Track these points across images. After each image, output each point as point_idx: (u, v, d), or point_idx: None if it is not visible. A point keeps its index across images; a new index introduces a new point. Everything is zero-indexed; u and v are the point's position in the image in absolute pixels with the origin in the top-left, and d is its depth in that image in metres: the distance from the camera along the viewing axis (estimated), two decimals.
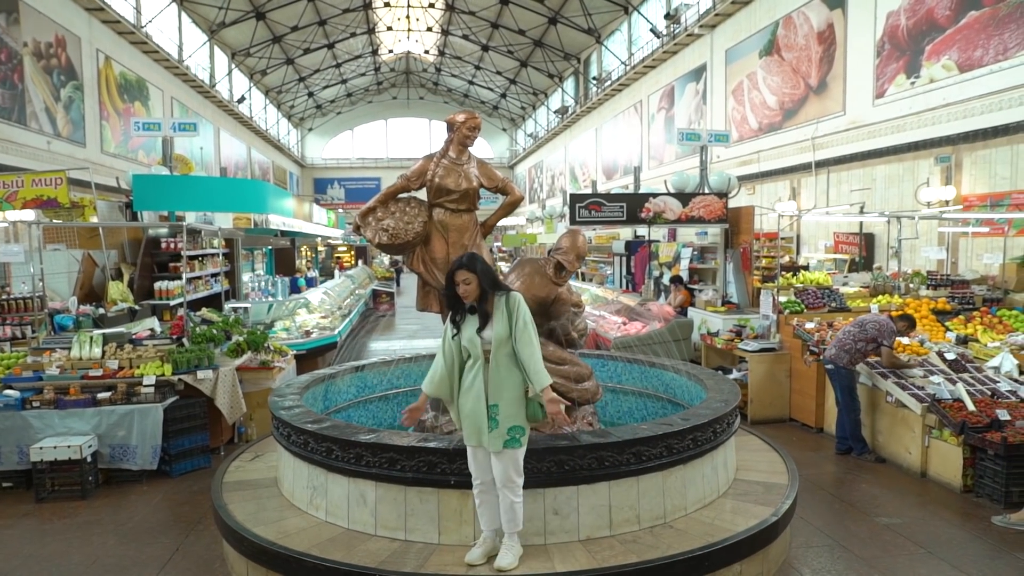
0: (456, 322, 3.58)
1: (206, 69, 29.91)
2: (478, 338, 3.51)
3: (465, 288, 3.53)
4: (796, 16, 17.22)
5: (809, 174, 16.49)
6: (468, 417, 3.48)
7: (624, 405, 6.10)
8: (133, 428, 5.47)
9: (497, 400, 3.48)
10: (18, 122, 16.73)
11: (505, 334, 3.52)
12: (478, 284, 3.56)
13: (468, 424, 3.48)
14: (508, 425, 3.46)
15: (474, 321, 3.54)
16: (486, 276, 3.62)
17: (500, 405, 3.47)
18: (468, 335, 3.52)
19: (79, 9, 19.52)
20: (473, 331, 3.52)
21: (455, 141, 5.07)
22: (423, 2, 33.50)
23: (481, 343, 3.51)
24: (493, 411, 3.46)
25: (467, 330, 3.54)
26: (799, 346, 7.28)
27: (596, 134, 33.39)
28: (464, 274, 3.55)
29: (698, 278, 10.68)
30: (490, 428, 3.44)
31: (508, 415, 3.47)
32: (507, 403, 3.48)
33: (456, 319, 3.58)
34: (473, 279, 3.55)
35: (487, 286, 3.60)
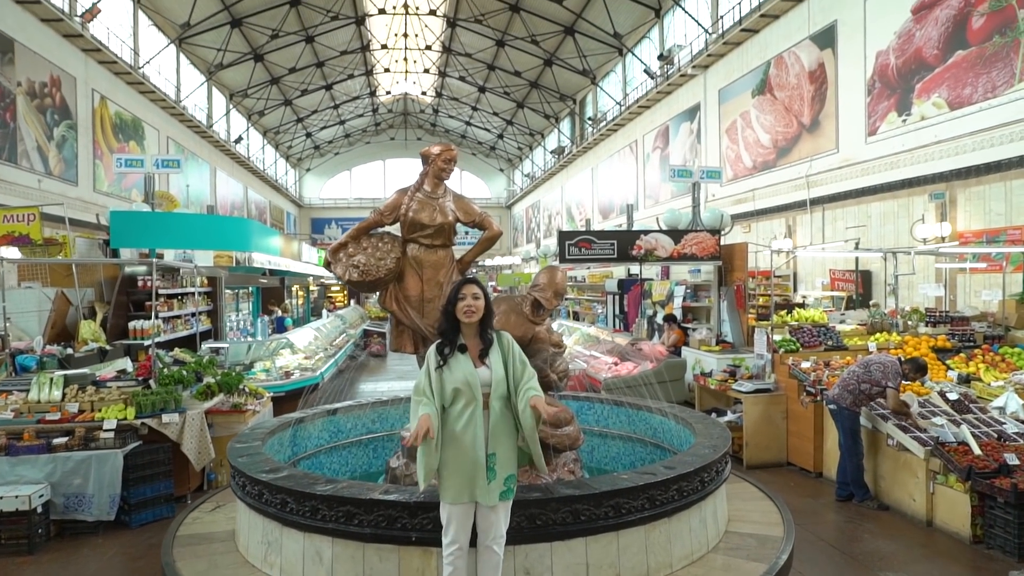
0: (443, 353, 3.24)
1: (203, 109, 30.08)
2: (476, 378, 3.20)
3: (475, 304, 3.24)
4: (787, 56, 17.30)
5: (804, 212, 16.37)
6: (458, 470, 3.13)
7: (611, 450, 5.81)
8: (90, 476, 5.17)
9: (495, 449, 3.19)
10: (8, 160, 16.65)
11: (502, 375, 3.25)
12: (485, 307, 3.30)
13: (457, 477, 3.12)
14: (505, 475, 3.18)
15: (465, 361, 3.23)
16: (490, 301, 3.37)
17: (498, 454, 3.18)
18: (462, 375, 3.18)
19: (76, 50, 19.61)
20: (468, 371, 3.20)
21: (430, 174, 4.88)
22: (420, 44, 33.88)
23: (480, 384, 3.21)
24: (491, 461, 3.16)
25: (458, 370, 3.20)
26: (795, 386, 7.00)
27: (592, 174, 33.48)
28: (475, 289, 3.29)
29: (692, 317, 10.44)
30: (488, 480, 3.13)
31: (505, 464, 3.20)
32: (505, 451, 3.21)
33: (445, 351, 3.25)
34: (482, 297, 3.29)
35: (490, 315, 3.35)
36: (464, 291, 3.27)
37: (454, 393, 3.20)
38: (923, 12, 12.91)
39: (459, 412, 3.18)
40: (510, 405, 3.27)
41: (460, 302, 3.25)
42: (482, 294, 3.28)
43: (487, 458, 3.16)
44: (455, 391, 3.20)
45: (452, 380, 3.20)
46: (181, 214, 9.68)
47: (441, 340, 3.30)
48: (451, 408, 3.21)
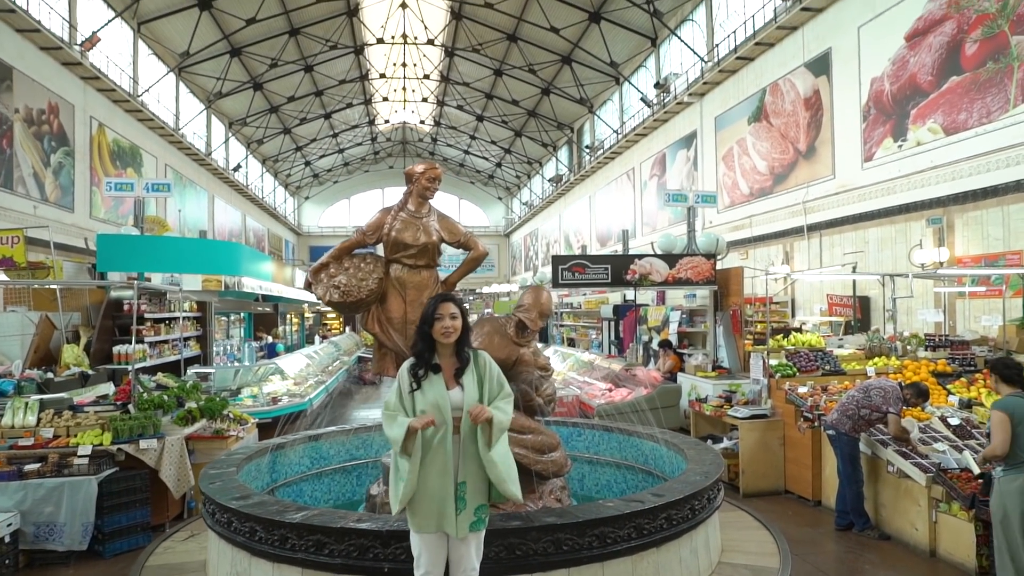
0: (417, 375, 3.07)
1: (202, 137, 30.21)
2: (447, 401, 3.01)
3: (453, 324, 3.06)
4: (783, 83, 17.38)
5: (802, 238, 16.30)
6: (425, 499, 2.95)
7: (602, 478, 5.64)
8: (62, 503, 4.99)
9: (466, 477, 3.00)
10: (4, 187, 16.61)
11: (476, 397, 3.06)
12: (463, 327, 3.13)
13: (426, 507, 2.95)
14: (475, 505, 3.00)
15: (438, 382, 3.05)
16: (467, 317, 3.20)
17: (469, 483, 3.00)
18: (433, 397, 3.00)
19: (75, 78, 19.71)
20: (439, 392, 3.02)
21: (414, 193, 4.79)
22: (418, 73, 34.15)
23: (452, 407, 3.02)
24: (461, 490, 2.98)
25: (430, 391, 3.02)
26: (792, 412, 6.84)
27: (590, 202, 33.54)
28: (453, 308, 3.11)
29: (688, 342, 10.29)
30: (458, 510, 2.95)
31: (475, 493, 3.01)
32: (476, 480, 3.02)
33: (418, 372, 3.08)
34: (460, 316, 3.11)
35: (468, 334, 3.17)
36: (441, 310, 3.09)
37: None
38: (916, 39, 12.97)
39: (428, 437, 3.00)
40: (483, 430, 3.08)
41: (437, 322, 3.08)
42: (459, 312, 3.12)
43: (456, 487, 2.98)
44: (424, 414, 3.02)
45: (423, 402, 3.03)
46: (169, 237, 9.60)
47: (415, 361, 3.13)
48: (420, 433, 3.02)
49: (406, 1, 27.77)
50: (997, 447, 4.30)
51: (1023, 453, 4.26)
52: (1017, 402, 4.37)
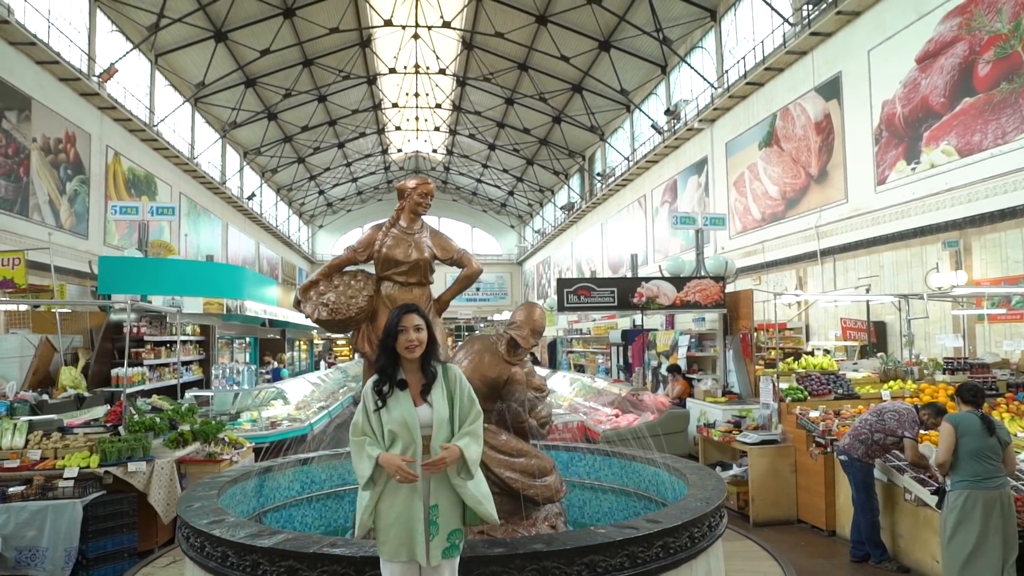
0: (382, 392, 2.89)
1: (217, 166, 30.55)
2: (415, 419, 2.82)
3: (417, 337, 2.88)
4: (793, 108, 17.30)
5: (815, 263, 16.07)
6: (394, 524, 2.76)
7: (603, 505, 5.42)
8: (45, 528, 4.85)
9: (438, 499, 2.81)
10: (20, 214, 16.78)
11: (446, 415, 2.88)
12: (428, 340, 2.95)
13: (394, 533, 2.76)
14: (449, 529, 2.81)
15: (406, 398, 2.87)
16: (433, 328, 3.03)
17: (441, 506, 2.81)
18: (399, 415, 2.81)
19: (92, 108, 20.02)
20: (407, 410, 2.83)
21: (406, 209, 4.69)
22: (431, 103, 34.47)
23: (420, 425, 2.84)
24: (433, 514, 2.79)
25: (396, 409, 2.83)
26: (804, 437, 6.60)
27: (601, 229, 33.46)
28: (418, 319, 2.91)
29: (697, 367, 10.07)
30: (431, 536, 2.76)
31: (448, 518, 2.82)
32: (448, 504, 2.83)
33: (383, 389, 2.89)
34: (424, 326, 2.93)
35: (434, 346, 2.99)
36: (404, 322, 2.90)
37: (391, 436, 2.84)
38: (928, 61, 12.85)
39: None
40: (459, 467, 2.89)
41: (401, 335, 2.89)
42: (424, 324, 2.94)
43: (428, 510, 2.79)
44: (391, 433, 2.83)
45: (389, 421, 2.84)
46: (171, 260, 9.59)
47: (379, 377, 2.93)
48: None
49: (418, 32, 28.09)
50: (940, 455, 4.68)
51: (965, 468, 4.54)
52: (965, 417, 4.71)
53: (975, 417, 4.66)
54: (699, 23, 22.25)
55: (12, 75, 16.51)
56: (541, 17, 24.76)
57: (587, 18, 23.82)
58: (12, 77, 16.51)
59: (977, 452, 4.49)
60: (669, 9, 22.06)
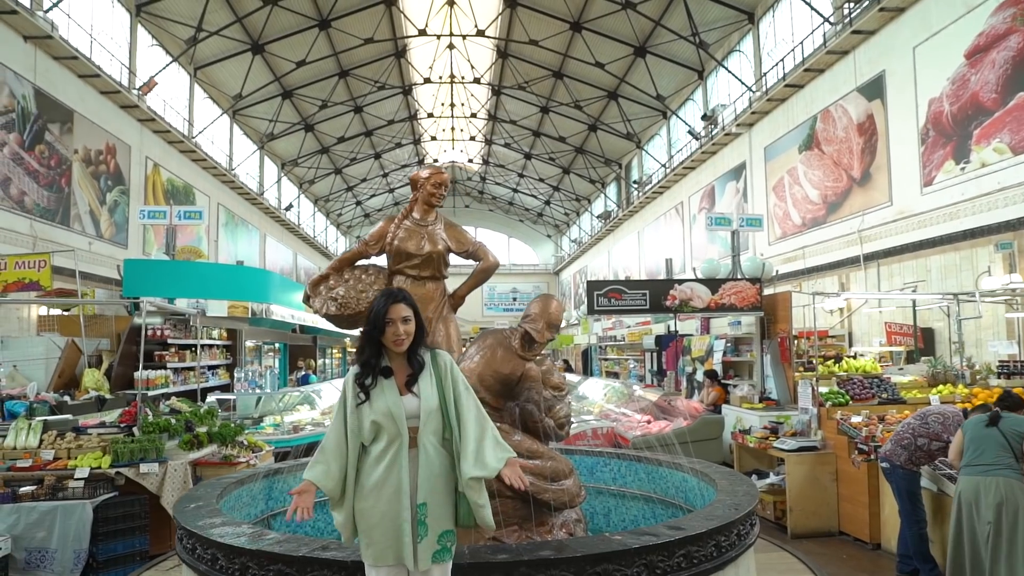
0: (365, 385, 2.66)
1: (255, 178, 30.99)
2: (401, 409, 2.58)
3: (406, 329, 2.65)
4: (834, 109, 16.78)
5: (858, 268, 15.49)
6: (379, 525, 2.53)
7: (629, 513, 5.14)
8: (55, 529, 4.76)
9: (427, 498, 2.56)
10: (61, 223, 17.14)
11: (435, 404, 2.63)
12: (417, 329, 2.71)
13: (379, 535, 2.53)
14: (439, 531, 2.56)
15: (391, 387, 2.62)
16: (419, 315, 2.78)
17: (430, 505, 2.56)
18: (383, 405, 2.57)
19: (132, 120, 20.43)
20: (391, 400, 2.59)
21: (419, 200, 4.51)
22: (466, 112, 34.52)
23: (406, 416, 2.60)
24: (421, 513, 2.54)
25: (380, 399, 2.58)
26: (845, 444, 6.21)
27: (638, 237, 33.03)
28: (407, 310, 2.68)
29: (733, 373, 9.68)
30: (418, 537, 2.52)
31: (438, 517, 2.57)
32: (439, 501, 2.58)
33: (366, 381, 2.66)
34: (412, 316, 2.69)
35: (422, 334, 2.76)
36: (391, 313, 2.64)
37: (374, 428, 2.59)
38: (978, 56, 12.30)
39: (380, 453, 2.58)
40: (445, 443, 2.65)
41: (388, 328, 2.66)
42: (412, 314, 2.70)
43: (416, 509, 2.54)
44: (375, 425, 2.59)
45: (372, 412, 2.60)
46: (195, 263, 9.61)
47: (362, 370, 2.70)
48: (371, 447, 2.62)
49: (453, 42, 28.17)
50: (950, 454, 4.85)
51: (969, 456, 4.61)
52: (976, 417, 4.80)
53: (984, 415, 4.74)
54: (736, 26, 21.84)
55: (55, 89, 16.92)
56: (575, 24, 24.59)
57: (622, 24, 23.57)
58: (55, 91, 16.92)
59: (970, 442, 4.62)
60: (705, 13, 21.70)
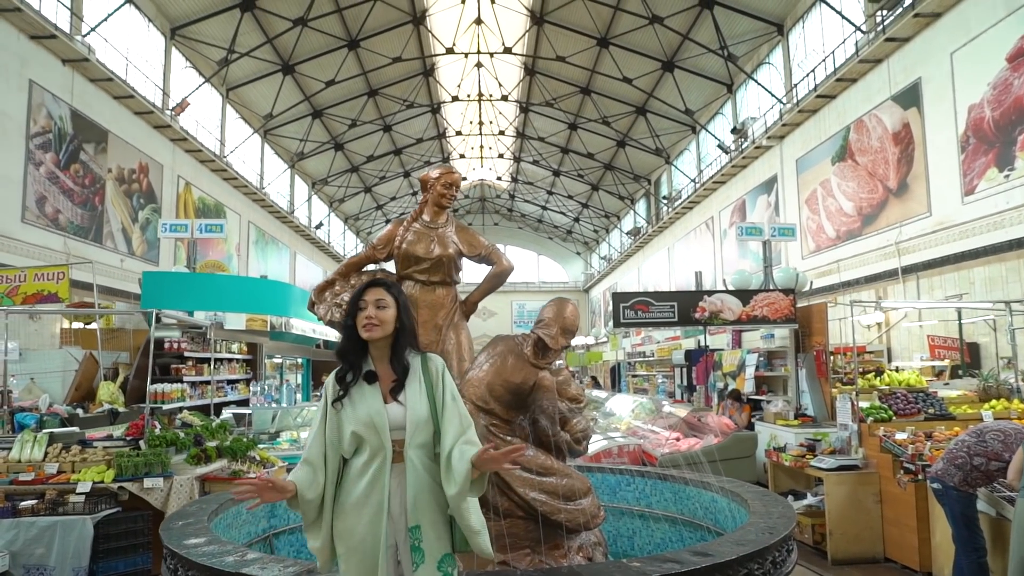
0: (345, 381, 2.38)
1: (285, 196, 31.28)
2: (384, 418, 2.29)
3: (379, 315, 2.37)
4: (868, 119, 16.33)
5: (896, 281, 14.94)
6: (358, 549, 2.23)
7: (656, 535, 4.81)
8: (54, 545, 4.59)
9: (420, 519, 2.26)
10: (94, 241, 17.37)
11: (425, 413, 2.32)
12: (396, 317, 2.42)
13: (356, 562, 2.23)
14: (438, 556, 2.25)
15: (374, 394, 2.34)
16: (407, 312, 2.47)
17: (424, 527, 2.26)
18: (365, 413, 2.29)
19: (164, 139, 20.75)
20: (374, 408, 2.30)
21: (429, 202, 4.29)
22: (494, 130, 34.55)
23: (390, 427, 2.30)
24: (414, 537, 2.24)
25: (362, 405, 2.30)
26: (890, 462, 5.81)
27: (668, 253, 32.58)
28: (382, 294, 2.41)
29: (766, 388, 9.27)
30: (414, 565, 2.22)
31: (434, 541, 2.27)
32: (432, 524, 2.27)
33: (346, 378, 2.38)
34: (391, 304, 2.41)
35: (406, 332, 2.44)
36: (365, 297, 2.40)
37: (355, 440, 2.30)
38: (1021, 59, 11.83)
39: (362, 467, 2.29)
40: (435, 457, 2.34)
41: (360, 312, 2.39)
42: (391, 301, 2.40)
43: (409, 533, 2.25)
44: (356, 437, 2.30)
45: (353, 420, 2.30)
46: (213, 275, 9.54)
47: (341, 365, 2.44)
48: (352, 460, 2.33)
49: (481, 60, 28.24)
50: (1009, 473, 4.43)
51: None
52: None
53: None
54: (765, 38, 21.51)
55: (91, 109, 17.23)
56: (602, 39, 24.48)
57: (649, 39, 23.38)
58: (91, 112, 17.23)
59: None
60: (734, 26, 21.43)
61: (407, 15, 24.17)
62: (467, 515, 2.27)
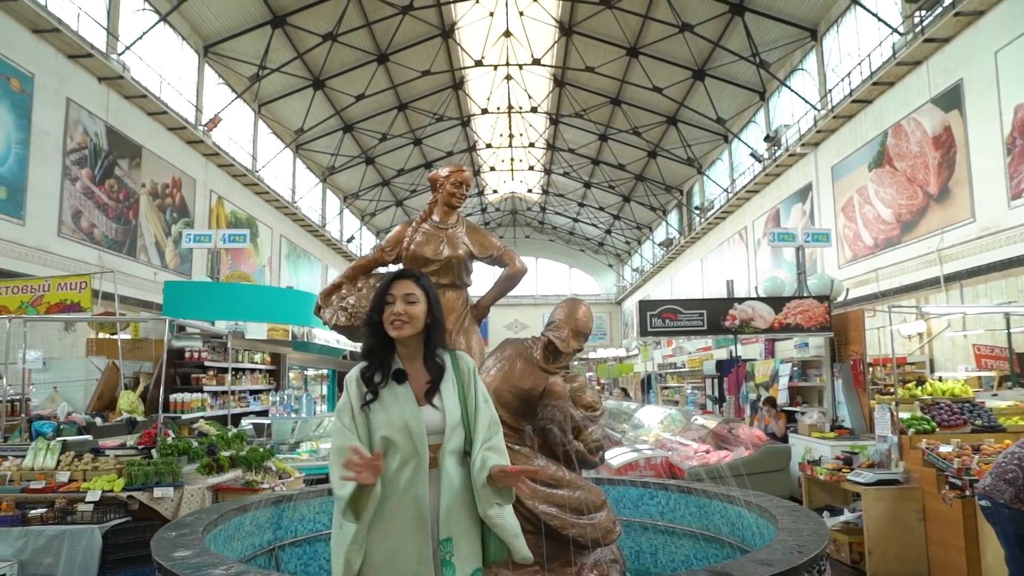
0: (374, 384, 2.18)
1: (317, 210, 31.57)
2: (420, 423, 2.12)
3: (409, 310, 2.19)
4: (906, 123, 15.84)
5: (938, 290, 14.40)
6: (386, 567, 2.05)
7: (680, 552, 4.56)
8: (62, 554, 4.51)
9: (452, 531, 2.09)
10: (128, 254, 17.65)
11: (458, 416, 2.16)
12: (427, 312, 2.24)
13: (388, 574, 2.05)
14: (469, 572, 2.10)
15: (407, 395, 2.17)
16: (439, 306, 2.28)
17: (456, 539, 2.09)
18: (399, 417, 2.12)
19: (197, 154, 21.08)
20: (409, 411, 2.13)
21: (439, 202, 4.15)
22: (524, 142, 34.51)
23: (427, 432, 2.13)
24: (446, 550, 2.07)
25: (394, 408, 2.13)
26: (933, 477, 5.45)
27: (701, 264, 32.09)
28: (412, 287, 2.22)
29: (800, 399, 8.91)
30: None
31: (467, 556, 2.10)
32: (465, 535, 2.11)
33: (373, 378, 2.20)
34: (421, 299, 2.23)
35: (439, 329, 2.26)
36: (393, 290, 2.21)
37: (384, 445, 2.12)
38: None
39: (392, 475, 2.10)
40: (467, 463, 2.17)
41: (387, 308, 2.20)
42: (421, 295, 2.22)
43: (440, 545, 2.07)
44: (385, 441, 2.11)
45: (383, 424, 2.12)
46: (235, 284, 9.54)
47: (367, 364, 2.25)
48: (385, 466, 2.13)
49: (510, 72, 28.26)
50: None
51: None
52: None
53: None
54: (799, 43, 21.11)
55: (125, 126, 17.58)
56: (632, 49, 24.30)
57: (679, 47, 23.13)
58: (125, 127, 17.57)
59: None
60: (766, 32, 21.08)
61: (436, 28, 24.29)
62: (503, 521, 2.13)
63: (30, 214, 14.07)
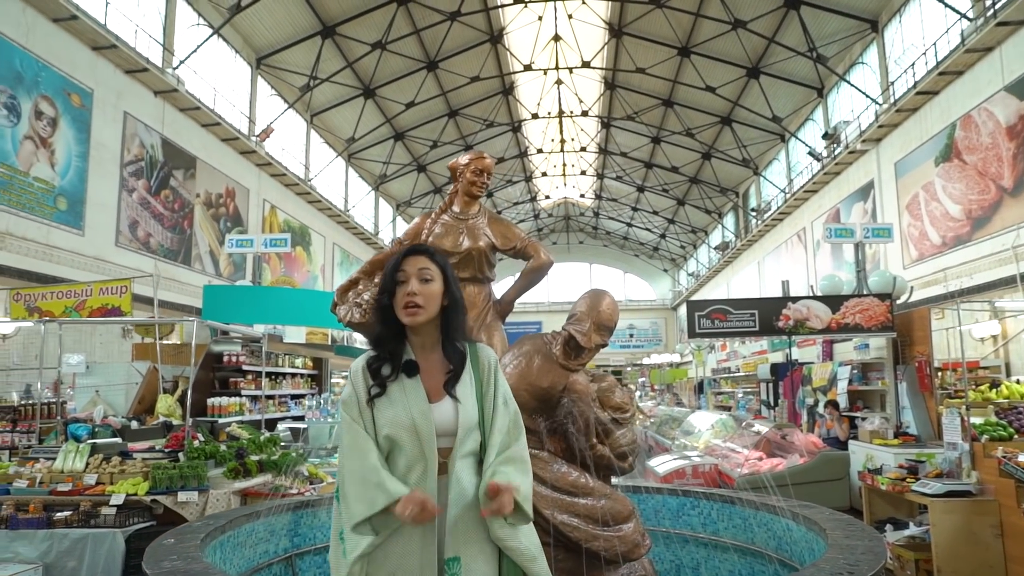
0: (381, 376, 1.92)
1: (370, 219, 31.90)
2: (430, 422, 1.87)
3: (424, 289, 1.91)
4: (977, 114, 14.97)
5: (1014, 289, 13.49)
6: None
7: (724, 567, 4.21)
8: (85, 558, 4.44)
9: (460, 550, 1.85)
10: (183, 263, 18.08)
11: (475, 416, 1.91)
12: (442, 294, 1.96)
13: None
14: None
15: (415, 390, 1.91)
16: (456, 284, 2.02)
17: (465, 560, 1.84)
18: (406, 415, 1.86)
19: (250, 165, 21.50)
20: (418, 408, 1.88)
21: (460, 192, 3.92)
22: (576, 147, 34.20)
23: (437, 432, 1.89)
24: (451, 571, 1.83)
25: (401, 403, 1.88)
26: (1011, 489, 4.95)
27: (758, 268, 31.17)
28: (426, 262, 1.96)
29: (861, 403, 8.36)
30: None
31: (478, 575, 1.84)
32: (475, 555, 1.86)
33: (381, 369, 1.94)
34: (437, 276, 1.96)
35: (458, 310, 2.00)
36: (406, 267, 1.93)
37: (387, 444, 1.88)
38: None
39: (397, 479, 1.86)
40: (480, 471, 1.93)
41: (399, 288, 1.93)
42: (437, 272, 1.95)
43: (445, 565, 1.83)
44: (389, 441, 1.87)
45: (389, 421, 1.86)
46: (273, 288, 9.55)
47: (376, 353, 1.99)
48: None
49: (560, 76, 28.04)
50: None
51: None
52: None
53: None
54: (859, 36, 20.25)
55: (180, 137, 18.04)
56: (683, 49, 23.77)
57: (732, 45, 22.51)
58: (180, 139, 18.03)
59: None
60: (823, 25, 20.31)
61: (484, 34, 24.26)
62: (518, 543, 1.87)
63: (89, 225, 14.50)
